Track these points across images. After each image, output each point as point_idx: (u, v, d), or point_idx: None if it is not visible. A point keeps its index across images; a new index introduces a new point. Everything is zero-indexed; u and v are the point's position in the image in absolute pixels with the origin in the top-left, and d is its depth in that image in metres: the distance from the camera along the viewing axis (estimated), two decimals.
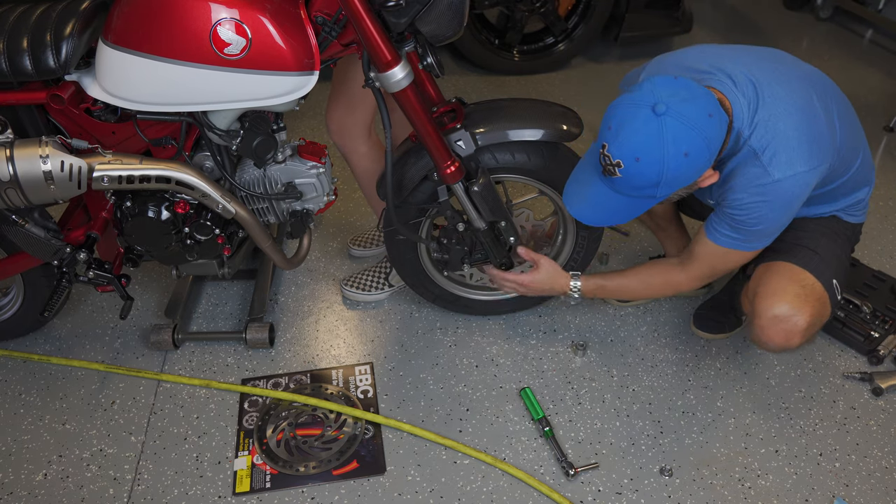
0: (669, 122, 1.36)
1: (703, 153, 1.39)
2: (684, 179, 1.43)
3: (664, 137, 1.36)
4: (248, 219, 1.74)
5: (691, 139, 1.37)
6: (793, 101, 1.49)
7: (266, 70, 1.45)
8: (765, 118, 1.48)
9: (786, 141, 1.47)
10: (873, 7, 3.78)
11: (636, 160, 1.39)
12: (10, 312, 2.03)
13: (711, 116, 1.38)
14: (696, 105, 1.37)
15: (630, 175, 1.41)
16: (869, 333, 2.03)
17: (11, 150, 1.53)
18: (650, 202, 1.50)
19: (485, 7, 3.27)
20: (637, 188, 1.45)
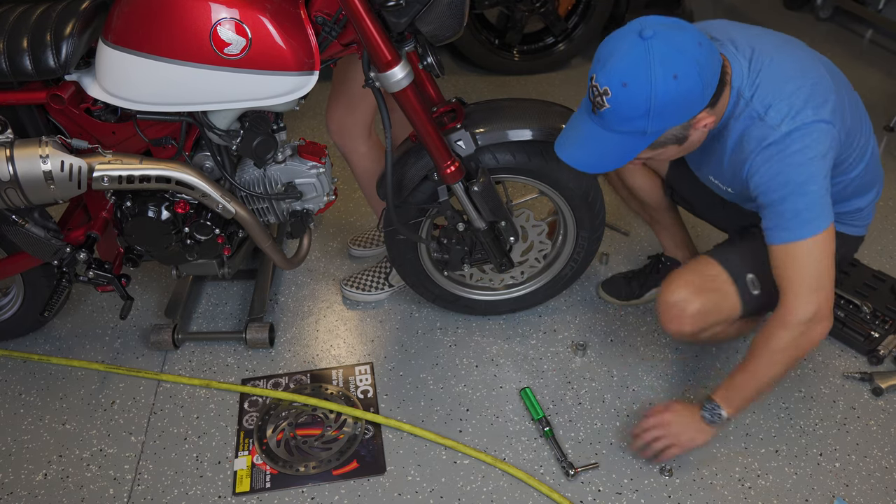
0: (657, 44, 1.31)
1: (693, 78, 1.33)
2: (675, 110, 1.36)
3: (651, 59, 1.31)
4: (248, 219, 1.74)
5: (680, 61, 1.32)
6: (798, 65, 1.47)
7: (266, 70, 1.45)
8: (767, 79, 1.44)
9: (789, 97, 1.42)
10: (873, 7, 3.78)
11: (623, 85, 1.33)
12: (10, 312, 2.03)
13: (701, 45, 1.34)
14: (684, 33, 1.34)
15: (619, 104, 1.35)
16: (869, 333, 2.03)
17: (11, 150, 1.53)
18: (642, 140, 1.41)
19: (485, 7, 3.27)
20: (627, 119, 1.37)
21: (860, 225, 1.76)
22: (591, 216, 1.92)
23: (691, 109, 1.39)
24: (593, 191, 1.88)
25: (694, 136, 1.46)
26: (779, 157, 1.43)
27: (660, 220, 2.08)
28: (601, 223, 1.96)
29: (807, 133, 1.42)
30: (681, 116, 1.39)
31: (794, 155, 1.42)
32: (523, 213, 1.95)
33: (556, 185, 1.84)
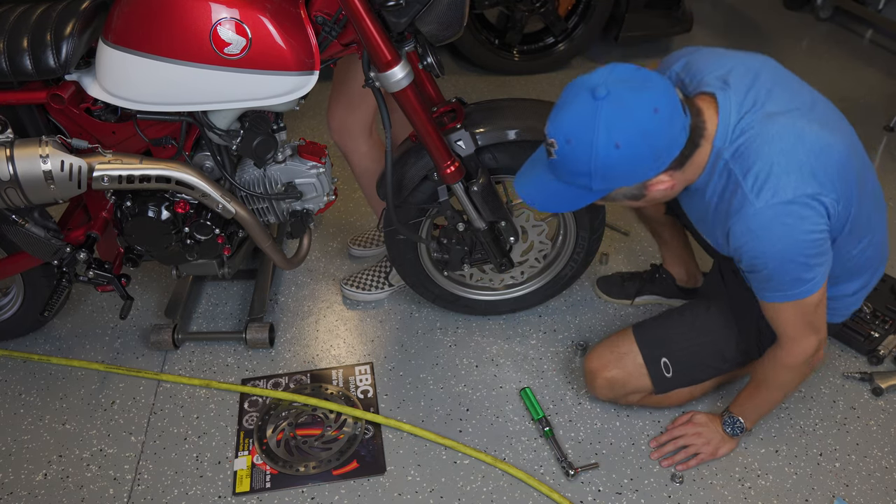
0: (605, 107, 1.25)
1: (637, 147, 1.27)
2: (620, 175, 1.32)
3: (597, 123, 1.26)
4: (247, 219, 1.74)
5: (625, 130, 1.25)
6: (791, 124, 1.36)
7: (266, 70, 1.45)
8: (753, 139, 1.34)
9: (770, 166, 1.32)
10: (873, 7, 3.78)
11: (567, 142, 1.30)
12: (10, 312, 2.03)
13: (657, 112, 1.26)
14: (641, 95, 1.26)
15: (563, 157, 1.32)
16: (869, 333, 2.03)
17: (11, 150, 1.53)
18: (588, 195, 1.38)
19: (485, 7, 3.27)
20: (571, 174, 1.34)
21: (842, 311, 1.73)
22: (592, 216, 1.92)
23: (640, 174, 1.33)
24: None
25: (654, 194, 1.39)
26: (751, 235, 1.36)
27: (661, 233, 2.08)
28: (601, 223, 1.96)
29: (789, 213, 1.33)
30: (628, 180, 1.34)
31: (765, 233, 1.35)
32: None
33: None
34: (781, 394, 1.69)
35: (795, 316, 1.50)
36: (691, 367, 1.77)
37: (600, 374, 1.79)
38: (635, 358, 1.76)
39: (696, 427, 1.77)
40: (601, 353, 1.81)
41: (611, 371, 1.77)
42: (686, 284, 2.15)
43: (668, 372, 1.75)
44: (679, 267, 2.13)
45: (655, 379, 1.76)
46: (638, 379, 1.77)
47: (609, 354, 1.79)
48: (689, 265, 2.13)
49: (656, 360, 1.75)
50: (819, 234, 1.37)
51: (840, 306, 1.71)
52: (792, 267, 1.39)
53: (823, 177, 1.34)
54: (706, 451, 1.76)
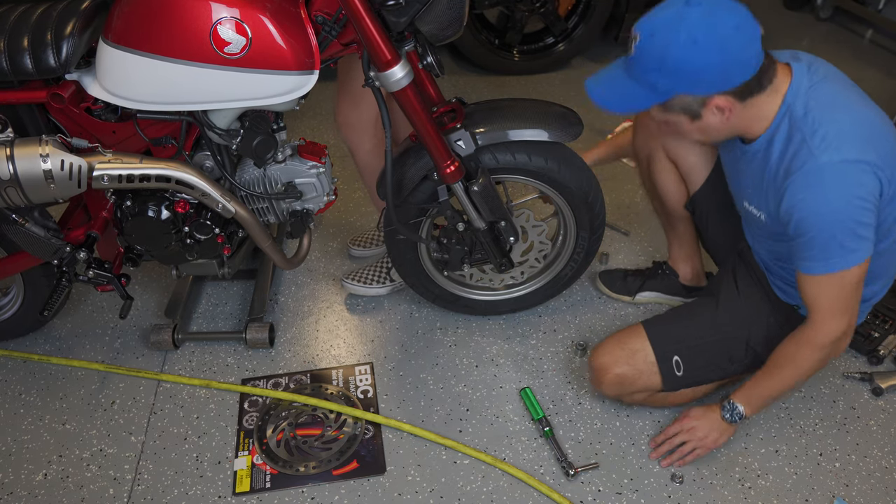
0: (695, 12, 1.35)
1: (712, 51, 1.35)
2: (687, 75, 1.38)
3: (682, 22, 1.35)
4: (247, 218, 1.74)
5: (706, 32, 1.34)
6: (857, 102, 1.46)
7: (266, 69, 1.45)
8: (825, 103, 1.43)
9: (839, 128, 1.40)
10: (873, 7, 3.78)
11: (650, 35, 1.38)
12: (10, 312, 2.03)
13: (739, 29, 1.36)
14: (730, 13, 1.36)
15: (641, 51, 1.40)
16: (869, 333, 2.03)
17: (11, 149, 1.53)
18: (652, 94, 1.44)
19: (485, 7, 3.27)
20: (644, 69, 1.42)
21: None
22: (592, 216, 1.92)
23: (706, 84, 1.40)
24: (593, 191, 1.88)
25: (709, 118, 1.45)
26: (818, 189, 1.40)
27: (674, 226, 2.08)
28: (601, 223, 1.96)
29: (849, 172, 1.39)
30: (692, 85, 1.40)
31: (822, 189, 1.40)
32: (523, 214, 1.95)
33: (557, 186, 1.84)
34: (794, 377, 1.63)
35: (833, 291, 1.50)
36: (702, 367, 1.76)
37: (610, 371, 1.76)
38: (647, 355, 1.74)
39: (692, 421, 1.75)
40: (611, 349, 1.78)
41: (621, 367, 1.75)
42: (690, 283, 2.15)
43: (679, 370, 1.74)
44: (686, 264, 2.13)
45: (666, 377, 1.75)
46: (648, 377, 1.75)
47: (619, 351, 1.77)
48: (696, 263, 2.13)
49: (668, 357, 1.74)
50: (870, 203, 1.41)
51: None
52: (839, 231, 1.42)
53: (883, 154, 1.41)
54: (704, 445, 1.74)
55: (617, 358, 1.76)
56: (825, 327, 1.54)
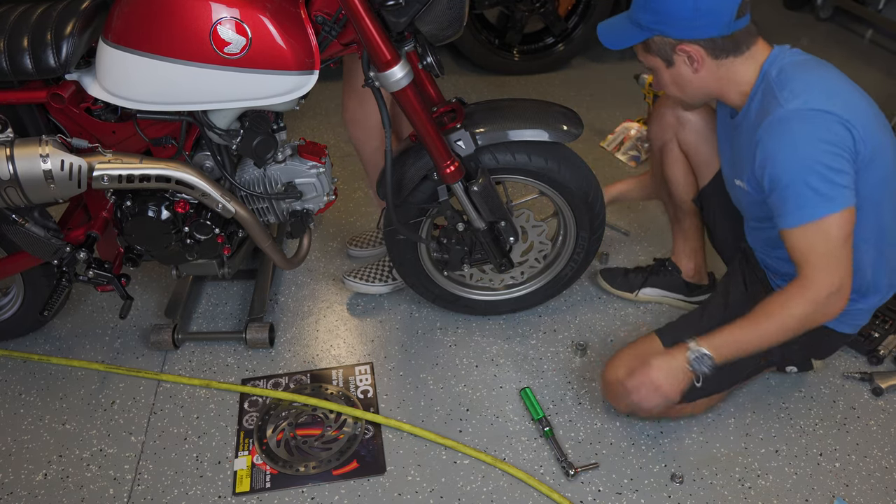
0: None
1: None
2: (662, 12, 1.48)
3: None
4: (247, 218, 1.74)
5: None
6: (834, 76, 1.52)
7: (266, 69, 1.45)
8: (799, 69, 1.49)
9: (806, 83, 1.47)
10: (873, 7, 3.79)
11: None
12: (10, 312, 2.03)
13: None
14: None
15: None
16: (869, 333, 2.03)
17: (11, 149, 1.53)
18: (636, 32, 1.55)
19: (485, 7, 3.27)
20: (635, 8, 1.55)
21: (855, 324, 1.76)
22: (592, 217, 1.92)
23: (678, 27, 1.49)
24: (593, 191, 1.88)
25: (681, 67, 1.55)
26: (784, 135, 1.45)
27: (681, 220, 2.08)
28: (601, 223, 1.96)
29: (815, 118, 1.43)
30: (667, 25, 1.50)
31: (787, 135, 1.44)
32: (523, 214, 1.95)
33: (557, 186, 1.84)
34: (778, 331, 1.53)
35: (817, 242, 1.45)
36: (721, 375, 1.68)
37: (624, 383, 1.67)
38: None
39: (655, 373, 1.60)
40: (627, 362, 1.71)
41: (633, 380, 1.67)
42: (692, 280, 2.15)
43: (699, 381, 1.64)
44: (689, 260, 2.12)
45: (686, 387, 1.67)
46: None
47: (637, 363, 1.68)
48: (699, 260, 2.13)
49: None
50: (839, 148, 1.42)
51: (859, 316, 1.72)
52: (809, 175, 1.42)
53: (854, 113, 1.44)
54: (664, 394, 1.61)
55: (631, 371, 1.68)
56: (816, 282, 1.47)
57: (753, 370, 1.78)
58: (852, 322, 1.75)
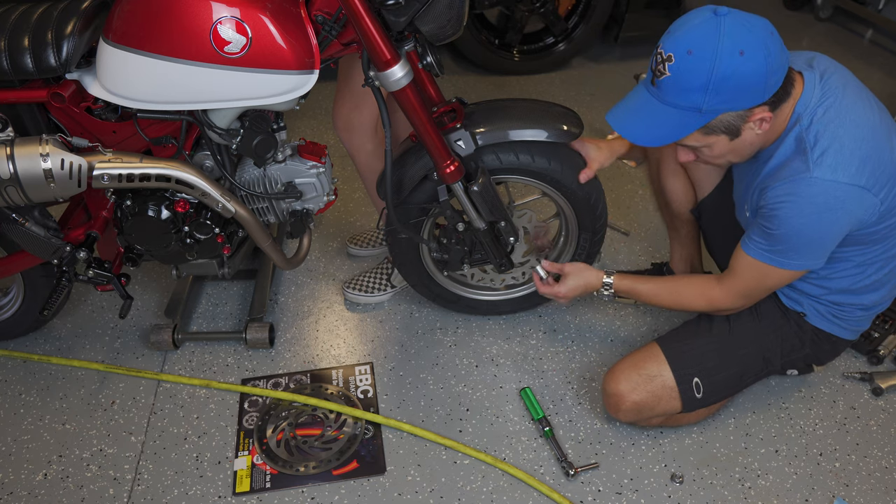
0: (729, 20, 1.30)
1: (759, 60, 1.29)
2: (734, 89, 1.32)
3: (721, 32, 1.29)
4: (247, 218, 1.74)
5: (749, 40, 1.29)
6: (866, 118, 1.42)
7: (266, 69, 1.45)
8: (831, 118, 1.40)
9: (839, 146, 1.38)
10: (873, 7, 3.78)
11: (688, 53, 1.31)
12: (10, 312, 2.03)
13: (773, 35, 1.32)
14: (758, 19, 1.33)
15: (679, 72, 1.33)
16: (869, 333, 2.03)
17: (12, 148, 1.53)
18: (695, 118, 1.37)
19: (485, 7, 3.27)
20: (684, 91, 1.34)
21: (857, 330, 1.76)
22: (594, 218, 1.92)
23: (751, 97, 1.35)
24: (596, 193, 1.88)
25: (746, 134, 1.42)
26: (791, 199, 1.41)
27: (678, 229, 2.07)
28: (603, 225, 1.96)
29: (830, 191, 1.38)
30: (738, 101, 1.35)
31: (806, 201, 1.40)
32: (526, 215, 1.95)
33: (559, 187, 1.83)
34: (671, 304, 1.76)
35: (753, 277, 1.58)
36: (721, 384, 1.73)
37: (628, 398, 1.71)
38: (665, 380, 1.70)
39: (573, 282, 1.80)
40: (628, 375, 1.72)
41: (639, 394, 1.70)
42: None
43: (699, 392, 1.70)
44: (686, 267, 2.12)
45: (686, 399, 1.71)
46: (668, 402, 1.71)
47: (636, 376, 1.72)
48: (696, 267, 2.12)
49: (688, 379, 1.70)
50: (844, 226, 1.44)
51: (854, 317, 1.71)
52: (798, 240, 1.45)
53: (879, 177, 1.41)
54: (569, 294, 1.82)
55: (635, 385, 1.71)
56: (726, 299, 1.65)
57: (753, 379, 1.78)
58: (855, 328, 1.75)
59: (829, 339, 1.74)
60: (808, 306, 1.70)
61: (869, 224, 1.46)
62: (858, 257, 1.57)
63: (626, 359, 1.78)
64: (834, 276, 1.62)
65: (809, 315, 1.70)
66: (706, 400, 1.74)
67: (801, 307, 1.71)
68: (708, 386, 1.72)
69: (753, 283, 1.60)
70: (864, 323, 1.74)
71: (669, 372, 1.70)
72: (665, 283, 1.77)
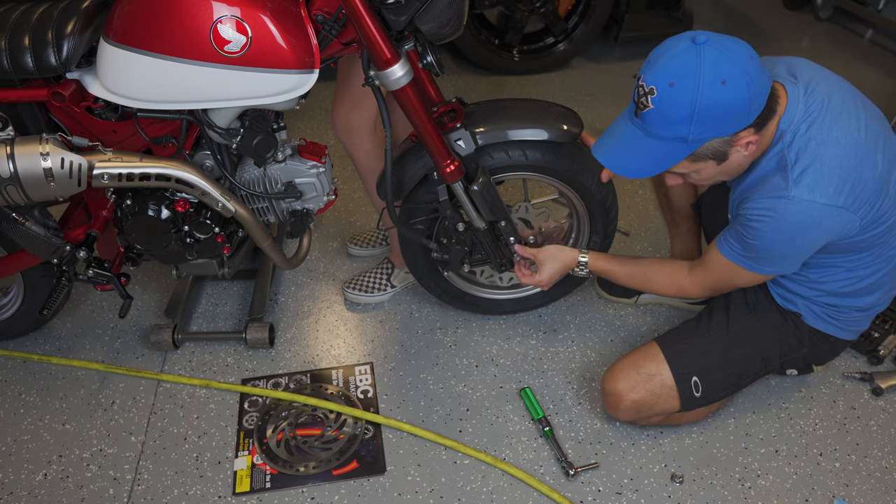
0: (709, 49, 1.29)
1: (741, 87, 1.29)
2: (719, 118, 1.32)
3: (702, 63, 1.28)
4: (247, 218, 1.74)
5: (730, 68, 1.29)
6: (849, 134, 1.41)
7: (266, 68, 1.45)
8: (813, 135, 1.40)
9: (819, 165, 1.38)
10: (873, 7, 3.78)
11: (670, 85, 1.31)
12: (9, 312, 2.03)
13: (752, 59, 1.31)
14: (738, 45, 1.32)
15: (662, 104, 1.32)
16: (869, 333, 2.03)
17: (12, 148, 1.53)
18: (682, 148, 1.38)
19: (485, 7, 3.27)
20: (669, 123, 1.34)
21: (855, 330, 1.76)
22: (606, 221, 1.93)
23: (735, 122, 1.35)
24: (612, 196, 1.89)
25: (734, 157, 1.42)
26: (770, 216, 1.42)
27: (679, 224, 2.08)
28: (613, 229, 1.97)
29: (806, 211, 1.39)
30: (723, 128, 1.35)
31: (783, 220, 1.42)
32: (543, 213, 1.96)
33: (579, 188, 1.84)
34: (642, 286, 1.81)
35: (723, 275, 1.62)
36: (720, 384, 1.74)
37: (626, 397, 1.72)
38: (664, 379, 1.70)
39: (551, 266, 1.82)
40: (626, 374, 1.73)
41: (637, 393, 1.71)
42: None
43: (698, 391, 1.71)
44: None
45: (684, 398, 1.72)
46: (667, 401, 1.72)
47: (635, 375, 1.72)
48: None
49: (687, 378, 1.71)
50: (819, 242, 1.48)
51: (858, 321, 1.72)
52: (770, 251, 1.50)
53: (859, 194, 1.41)
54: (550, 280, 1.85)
55: (633, 384, 1.72)
56: (694, 289, 1.71)
57: (751, 378, 1.78)
58: (854, 328, 1.75)
59: (827, 339, 1.74)
60: (804, 307, 1.70)
61: (849, 235, 1.47)
62: (847, 263, 1.58)
63: (625, 358, 1.79)
64: (825, 280, 1.63)
65: (805, 315, 1.71)
66: (705, 399, 1.74)
67: (797, 308, 1.71)
68: (707, 385, 1.72)
69: (722, 280, 1.64)
70: (862, 323, 1.75)
71: (668, 371, 1.71)
72: (639, 265, 1.79)
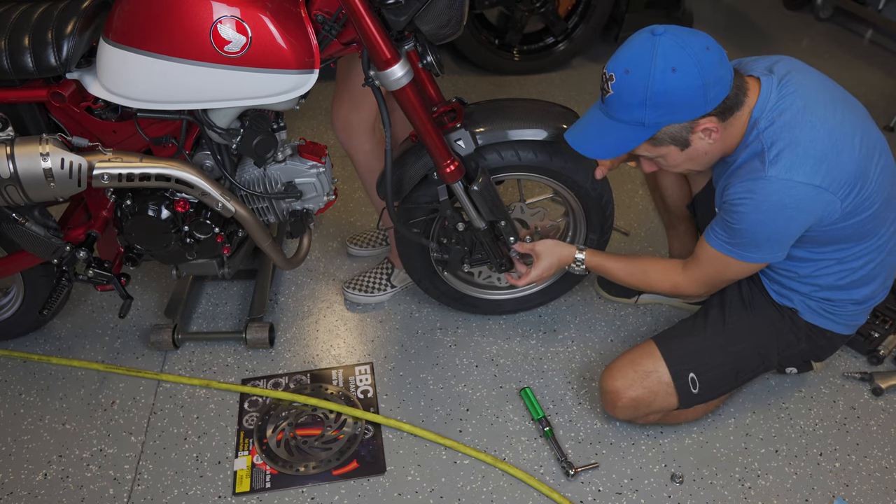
0: (664, 40, 1.38)
1: (691, 75, 1.36)
2: (672, 104, 1.39)
3: (655, 52, 1.37)
4: (247, 218, 1.74)
5: (681, 57, 1.36)
6: (824, 119, 1.44)
7: (266, 68, 1.45)
8: (787, 120, 1.43)
9: (795, 146, 1.42)
10: (873, 7, 3.78)
11: (626, 72, 1.41)
12: (9, 312, 2.03)
13: (709, 50, 1.38)
14: (696, 36, 1.39)
15: (620, 90, 1.42)
16: (869, 333, 2.03)
17: (12, 148, 1.53)
18: (640, 132, 1.45)
19: (485, 7, 3.26)
20: (626, 107, 1.43)
21: (852, 324, 1.76)
22: (602, 219, 1.93)
23: (690, 109, 1.41)
24: (607, 193, 1.89)
25: (697, 144, 1.48)
26: (749, 198, 1.46)
27: (676, 226, 2.08)
28: (610, 226, 1.97)
29: (784, 189, 1.42)
30: (677, 114, 1.42)
31: (763, 200, 1.44)
32: (539, 212, 1.96)
33: (574, 186, 1.84)
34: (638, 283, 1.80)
35: (715, 267, 1.63)
36: (718, 380, 1.74)
37: (624, 395, 1.72)
38: (661, 376, 1.71)
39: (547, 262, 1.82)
40: (623, 372, 1.74)
41: (635, 391, 1.72)
42: None
43: (695, 388, 1.72)
44: None
45: (682, 396, 1.72)
46: (664, 398, 1.72)
47: (632, 373, 1.73)
48: None
49: (684, 375, 1.71)
50: (802, 222, 1.48)
51: (854, 315, 1.72)
52: (756, 234, 1.51)
53: (837, 173, 1.43)
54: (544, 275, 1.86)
55: (631, 381, 1.72)
56: (689, 286, 1.70)
57: (750, 375, 1.78)
58: (851, 323, 1.75)
59: (824, 334, 1.74)
60: (799, 302, 1.71)
61: (832, 221, 1.48)
62: (837, 254, 1.59)
63: (623, 356, 1.79)
64: (819, 275, 1.64)
65: (802, 311, 1.71)
66: (703, 396, 1.74)
67: (793, 303, 1.71)
68: (704, 382, 1.72)
69: (715, 273, 1.65)
70: (859, 317, 1.75)
71: (665, 368, 1.71)
72: (635, 263, 1.80)
